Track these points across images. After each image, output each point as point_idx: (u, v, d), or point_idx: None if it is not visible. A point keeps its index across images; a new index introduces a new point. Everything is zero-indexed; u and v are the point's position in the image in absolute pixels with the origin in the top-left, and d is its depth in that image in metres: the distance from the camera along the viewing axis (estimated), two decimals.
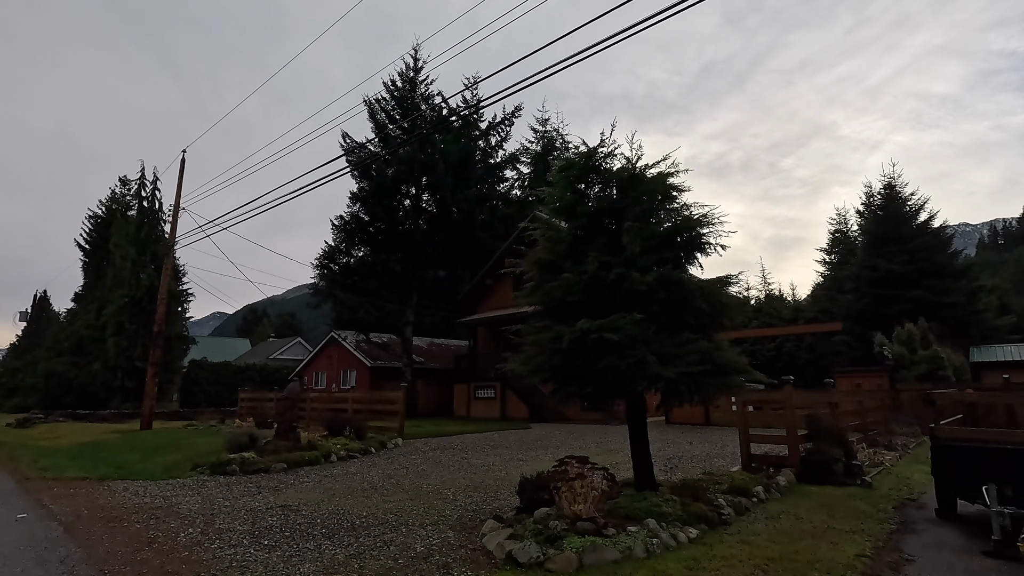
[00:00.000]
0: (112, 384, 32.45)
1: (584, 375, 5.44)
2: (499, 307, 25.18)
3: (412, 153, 26.26)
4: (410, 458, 11.15)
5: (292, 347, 50.45)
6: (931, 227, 28.44)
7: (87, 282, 46.99)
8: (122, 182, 45.63)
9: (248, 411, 20.04)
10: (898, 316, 23.59)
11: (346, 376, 30.82)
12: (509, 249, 25.08)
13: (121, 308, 32.98)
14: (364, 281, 26.70)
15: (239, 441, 10.21)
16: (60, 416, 25.32)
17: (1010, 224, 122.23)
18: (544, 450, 12.13)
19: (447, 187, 25.87)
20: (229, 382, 37.85)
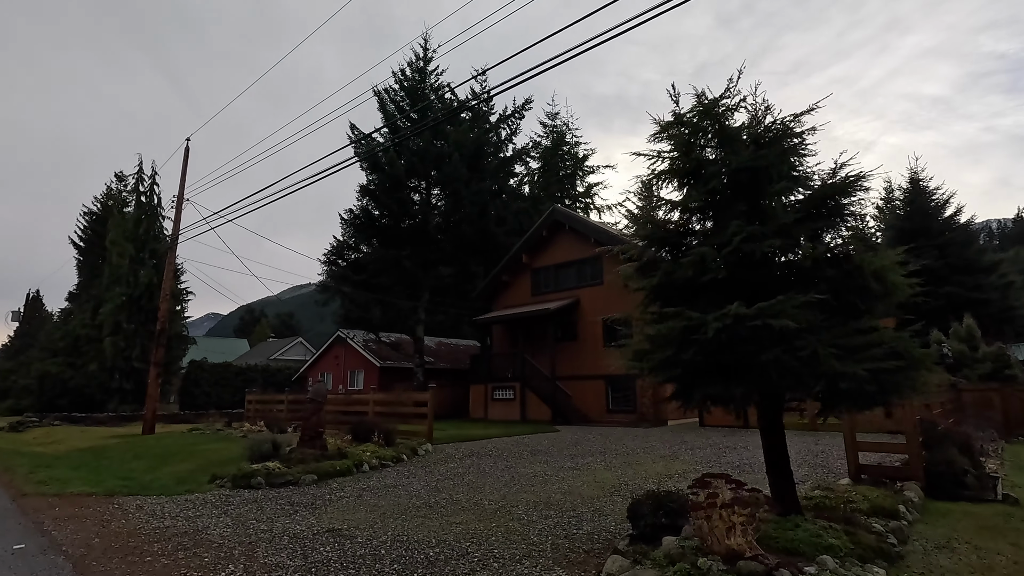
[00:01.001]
0: (109, 386, 31.21)
1: (729, 373, 4.39)
2: (516, 304, 24.16)
3: (425, 143, 25.19)
4: (448, 466, 10.09)
5: (293, 347, 49.22)
6: (956, 222, 27.60)
7: (82, 281, 45.65)
8: (118, 178, 44.32)
9: (257, 414, 18.92)
10: (930, 313, 22.70)
11: (353, 377, 29.69)
12: (528, 244, 24.07)
13: (119, 307, 31.74)
14: (374, 278, 25.60)
15: (261, 449, 9.12)
16: (55, 419, 24.11)
17: (1005, 225, 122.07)
18: (591, 456, 11.09)
19: (461, 179, 24.80)
20: (230, 383, 36.65)
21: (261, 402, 19.61)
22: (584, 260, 22.36)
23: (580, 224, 22.35)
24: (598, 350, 21.30)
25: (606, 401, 20.74)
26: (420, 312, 26.59)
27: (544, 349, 22.40)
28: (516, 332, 24.07)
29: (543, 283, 23.75)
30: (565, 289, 22.88)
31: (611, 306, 21.16)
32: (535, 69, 8.07)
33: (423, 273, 26.29)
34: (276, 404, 18.83)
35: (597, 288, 21.74)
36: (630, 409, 19.93)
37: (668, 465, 9.91)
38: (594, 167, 39.32)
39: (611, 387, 20.73)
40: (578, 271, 22.56)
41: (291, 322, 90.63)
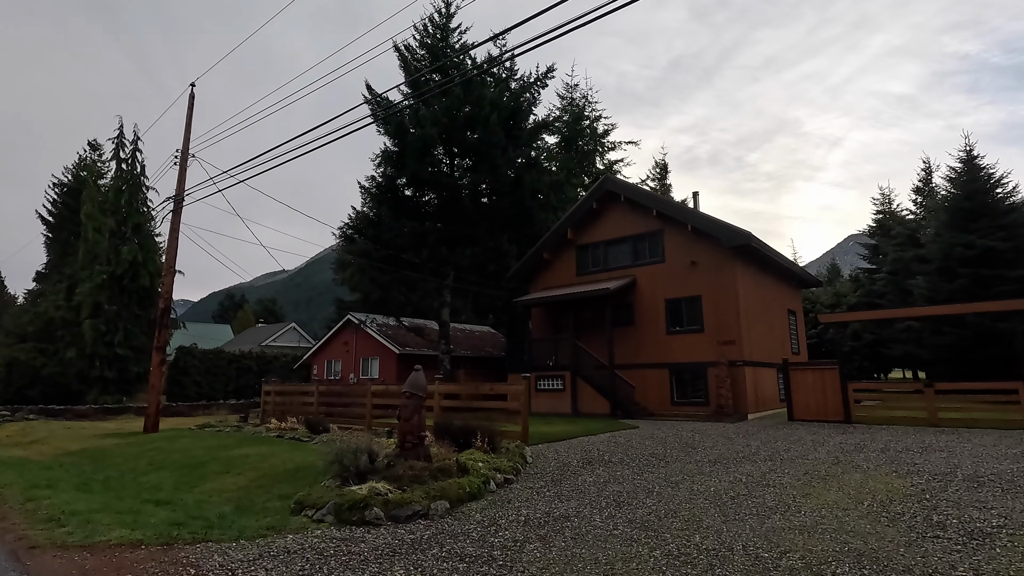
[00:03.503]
0: (88, 374, 27.87)
1: None
2: (559, 285, 21.77)
3: (454, 104, 22.45)
4: (581, 480, 7.73)
5: (286, 333, 46.01)
6: (1014, 201, 26.11)
7: (51, 260, 41.55)
8: (92, 147, 40.36)
9: (278, 408, 16.20)
10: (1000, 298, 21.14)
11: (367, 365, 27.01)
12: (575, 218, 21.65)
13: (99, 286, 28.33)
14: (398, 254, 22.90)
15: (358, 462, 6.61)
16: (30, 413, 20.95)
17: None
18: (749, 462, 8.83)
19: (499, 144, 22.16)
20: (222, 372, 33.54)
21: (282, 394, 16.87)
22: (642, 235, 20.05)
23: (639, 195, 20.00)
24: (659, 335, 19.10)
25: (670, 392, 18.58)
26: (446, 294, 24.01)
27: (596, 335, 20.09)
28: (560, 316, 21.67)
29: (591, 261, 21.38)
30: (617, 268, 20.56)
31: (674, 286, 18.97)
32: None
33: (450, 251, 23.67)
34: (302, 396, 16.13)
35: (658, 266, 19.48)
36: (701, 401, 17.80)
37: (889, 481, 7.67)
38: (615, 143, 36.99)
39: (676, 377, 18.56)
40: (634, 247, 20.24)
41: (274, 308, 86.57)
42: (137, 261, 29.41)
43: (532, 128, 25.27)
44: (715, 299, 17.96)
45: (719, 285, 17.94)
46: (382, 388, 13.54)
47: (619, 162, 37.03)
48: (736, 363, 17.23)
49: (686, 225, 18.47)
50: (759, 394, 18.01)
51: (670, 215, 18.96)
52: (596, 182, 37.61)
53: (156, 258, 31.07)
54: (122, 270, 29.08)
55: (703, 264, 18.36)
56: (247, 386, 33.92)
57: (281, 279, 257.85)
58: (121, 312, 29.00)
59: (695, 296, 18.42)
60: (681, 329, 18.67)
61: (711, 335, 17.90)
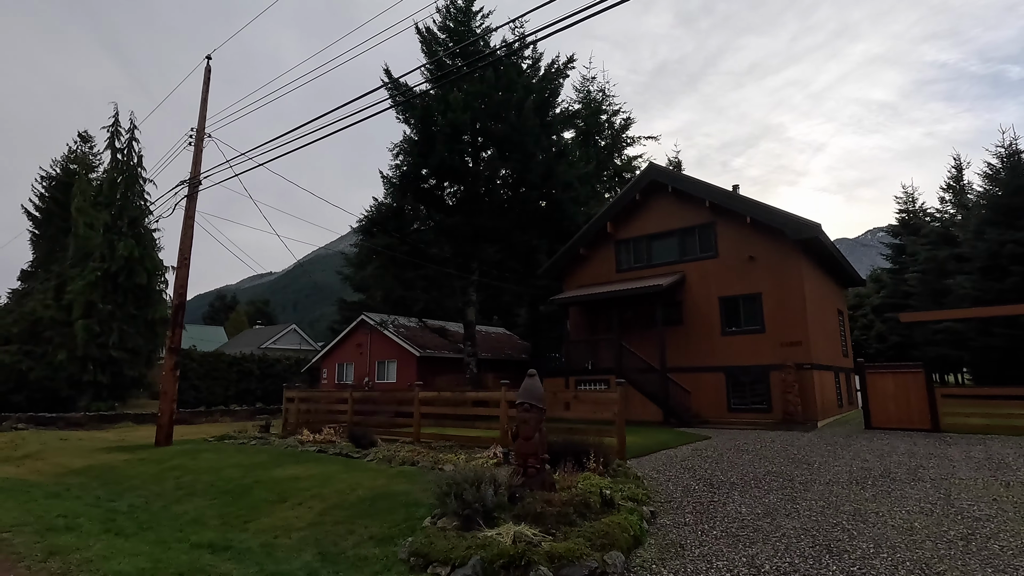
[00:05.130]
0: (80, 379, 25.85)
1: None
2: (596, 282, 20.31)
3: (484, 90, 20.92)
4: (737, 510, 6.26)
5: (286, 335, 43.98)
6: None
7: (37, 257, 39.10)
8: (83, 138, 38.21)
9: (304, 417, 14.51)
10: None
11: (383, 369, 25.31)
12: (615, 210, 20.23)
13: (91, 284, 26.35)
14: (421, 249, 21.30)
15: (483, 498, 5.05)
16: (19, 421, 18.99)
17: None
18: (903, 483, 7.39)
19: (533, 132, 20.67)
20: (222, 376, 31.50)
21: (308, 400, 15.17)
22: (691, 228, 18.65)
23: (689, 185, 18.58)
24: (712, 336, 17.70)
25: (726, 398, 17.16)
26: (471, 292, 22.43)
27: (639, 336, 18.66)
28: (598, 316, 20.22)
29: (633, 257, 19.94)
30: (662, 264, 19.14)
31: (730, 283, 17.59)
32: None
33: (475, 246, 22.11)
34: (334, 404, 14.47)
35: (710, 262, 18.09)
36: (762, 407, 16.40)
37: None
38: (634, 138, 35.68)
39: (732, 381, 17.16)
40: (682, 241, 18.84)
41: (267, 309, 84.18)
42: (134, 257, 27.46)
43: (563, 117, 23.83)
44: (777, 297, 16.60)
45: (782, 282, 16.58)
46: (433, 395, 11.93)
47: (638, 158, 35.69)
48: (804, 366, 15.86)
49: (744, 217, 17.10)
50: (823, 400, 16.67)
51: (725, 206, 17.57)
52: (615, 174, 36.56)
53: (154, 254, 29.16)
54: (117, 267, 27.11)
55: (763, 259, 17.00)
56: (248, 391, 31.99)
57: (267, 282, 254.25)
58: (116, 312, 27.02)
59: (754, 294, 17.04)
60: (738, 330, 17.28)
61: (773, 336, 16.52)
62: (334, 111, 10.09)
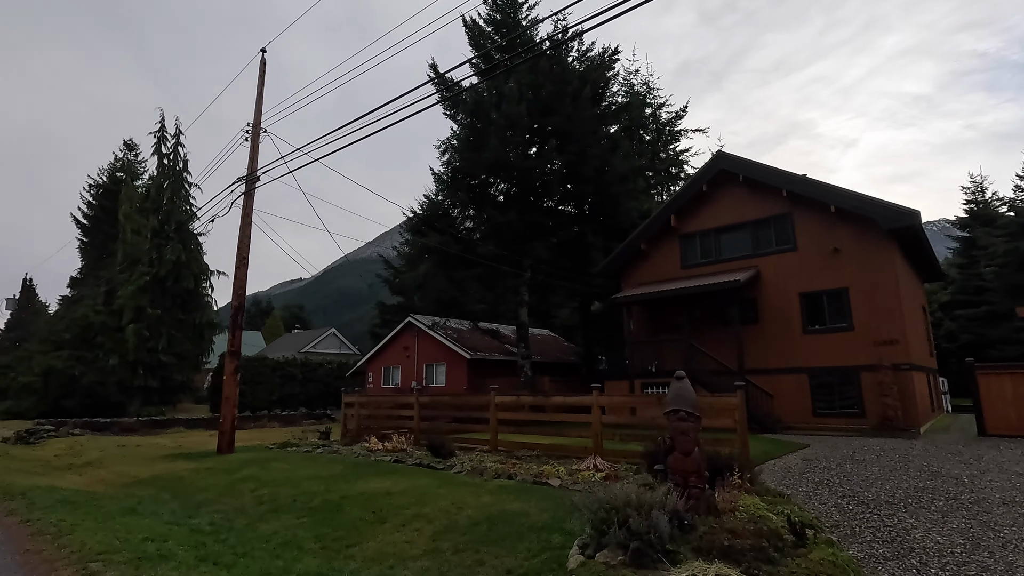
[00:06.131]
0: (131, 384, 25.91)
1: None
2: (660, 280, 19.20)
3: (537, 81, 20.09)
4: (934, 541, 5.18)
5: (326, 339, 43.86)
6: None
7: (86, 264, 39.89)
8: (128, 146, 38.97)
9: (367, 423, 13.81)
10: None
11: (431, 372, 24.64)
12: (679, 203, 19.13)
13: (141, 289, 26.40)
14: (473, 248, 20.54)
15: (657, 527, 4.12)
16: (75, 427, 18.84)
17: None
18: None
19: (589, 123, 19.74)
20: (266, 380, 31.31)
21: (367, 405, 14.48)
22: (765, 220, 17.43)
23: (763, 173, 17.37)
24: (793, 335, 16.44)
25: (810, 401, 15.88)
26: (523, 292, 21.57)
27: (709, 335, 17.50)
28: (662, 315, 19.12)
29: (700, 251, 18.79)
30: (733, 258, 17.95)
31: (811, 277, 16.31)
32: None
33: (524, 244, 21.23)
34: (397, 409, 13.75)
35: (788, 255, 16.84)
36: (853, 411, 15.06)
37: None
38: (682, 131, 34.37)
39: (817, 383, 15.86)
40: (755, 234, 17.62)
41: (301, 314, 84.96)
42: (180, 262, 27.48)
43: (617, 108, 22.84)
44: (867, 292, 15.26)
45: (872, 275, 15.25)
46: (511, 400, 11.07)
47: (686, 151, 34.36)
48: (902, 367, 14.50)
49: (827, 206, 15.81)
50: (921, 403, 15.24)
51: (805, 195, 16.31)
52: (661, 169, 35.28)
53: (200, 258, 29.17)
54: (165, 271, 27.16)
55: (849, 251, 15.69)
56: (292, 395, 31.76)
57: (297, 288, 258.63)
58: (164, 316, 27.05)
59: (840, 289, 15.73)
60: (822, 328, 15.98)
61: (864, 334, 15.19)
62: (377, 109, 9.56)
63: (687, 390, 5.30)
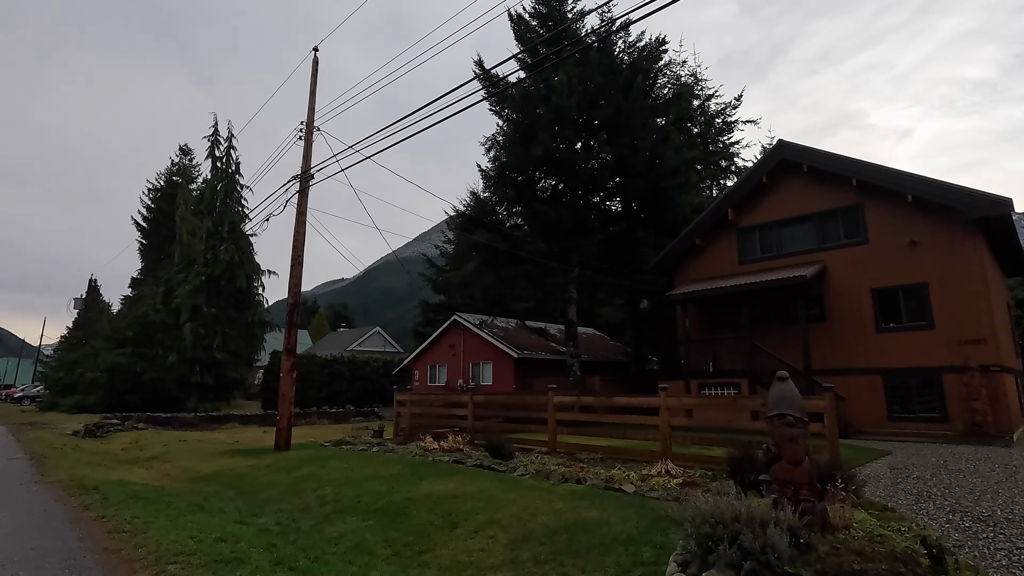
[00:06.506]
0: (188, 380, 26.76)
1: None
2: (716, 276, 18.43)
3: (586, 73, 19.59)
4: None
5: (371, 337, 44.49)
6: None
7: (145, 265, 41.63)
8: (183, 151, 40.32)
9: (419, 421, 13.69)
10: None
11: (478, 370, 24.47)
12: (736, 195, 18.31)
13: (197, 288, 27.23)
14: (519, 245, 20.23)
15: (776, 548, 3.67)
16: (139, 422, 19.52)
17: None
18: None
19: (640, 114, 19.12)
20: (315, 378, 31.81)
21: (419, 403, 14.36)
22: (831, 212, 16.45)
23: (830, 162, 16.39)
24: (865, 334, 15.44)
25: (884, 405, 14.86)
26: (571, 289, 21.11)
27: (770, 334, 16.66)
28: (718, 313, 18.35)
29: (760, 246, 17.93)
30: (795, 253, 17.03)
31: (885, 272, 15.28)
32: None
33: (573, 240, 20.76)
34: (450, 408, 13.58)
35: (857, 249, 15.84)
36: (935, 416, 14.00)
37: None
38: (735, 121, 33.09)
39: (892, 385, 14.84)
40: (821, 227, 16.66)
41: (345, 313, 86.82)
42: (234, 262, 28.25)
43: (667, 100, 22.10)
44: (950, 287, 14.16)
45: (955, 269, 14.14)
46: (571, 400, 10.69)
47: (736, 143, 33.08)
48: (991, 368, 13.37)
49: (903, 195, 14.76)
50: (1012, 408, 14.04)
51: (877, 184, 15.28)
52: (709, 163, 34.10)
53: (252, 258, 29.91)
54: (219, 271, 27.95)
55: (928, 243, 14.60)
56: (339, 392, 32.21)
57: (339, 288, 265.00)
58: (218, 315, 27.85)
59: (918, 284, 14.66)
60: (898, 326, 14.94)
61: (946, 333, 14.10)
62: (422, 108, 9.52)
63: (792, 392, 4.79)
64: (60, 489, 8.00)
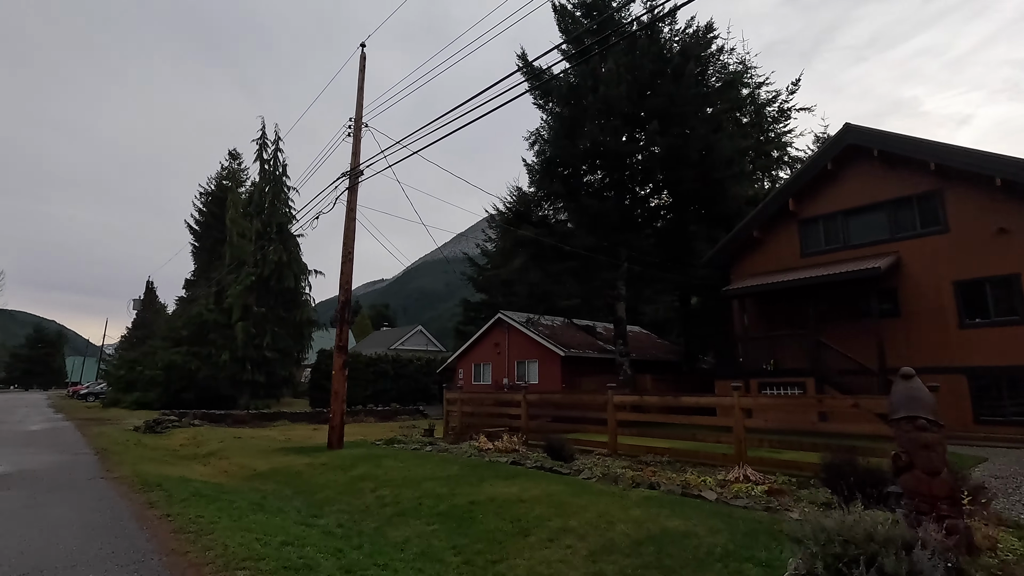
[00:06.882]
0: (240, 378, 27.42)
1: None
2: (776, 270, 17.48)
3: (634, 61, 18.93)
4: None
5: (413, 336, 44.79)
6: None
7: (198, 267, 43.09)
8: (232, 156, 41.40)
9: (469, 420, 13.42)
10: None
11: (523, 369, 24.09)
12: (798, 184, 17.33)
13: (247, 288, 27.86)
14: (566, 240, 19.74)
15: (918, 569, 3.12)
16: (195, 418, 20.00)
17: None
18: None
19: (694, 102, 18.35)
20: (361, 376, 32.08)
21: (469, 402, 14.09)
22: (906, 199, 15.33)
23: (903, 145, 15.25)
24: (946, 330, 14.29)
25: (970, 407, 13.70)
26: (620, 286, 20.48)
27: (835, 331, 15.66)
28: (779, 309, 17.41)
29: (824, 237, 16.90)
30: (864, 244, 15.95)
31: (969, 263, 14.09)
32: None
33: (622, 235, 20.12)
34: (502, 407, 13.26)
35: (937, 238, 14.68)
36: None
37: None
38: (788, 109, 31.63)
39: (979, 385, 13.66)
40: (894, 215, 15.55)
41: (387, 313, 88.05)
42: (282, 262, 28.79)
43: (719, 87, 21.19)
44: None
45: None
46: (633, 399, 10.19)
47: (789, 133, 31.60)
48: None
49: (991, 179, 13.56)
50: None
51: (960, 167, 14.10)
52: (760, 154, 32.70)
53: (299, 258, 30.44)
54: (268, 271, 28.53)
55: (1019, 230, 13.37)
56: (383, 391, 32.44)
57: (379, 289, 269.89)
58: (268, 314, 28.43)
59: (1008, 275, 13.45)
60: (985, 321, 13.76)
61: None
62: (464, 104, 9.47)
63: (922, 391, 4.20)
64: (125, 485, 8.03)
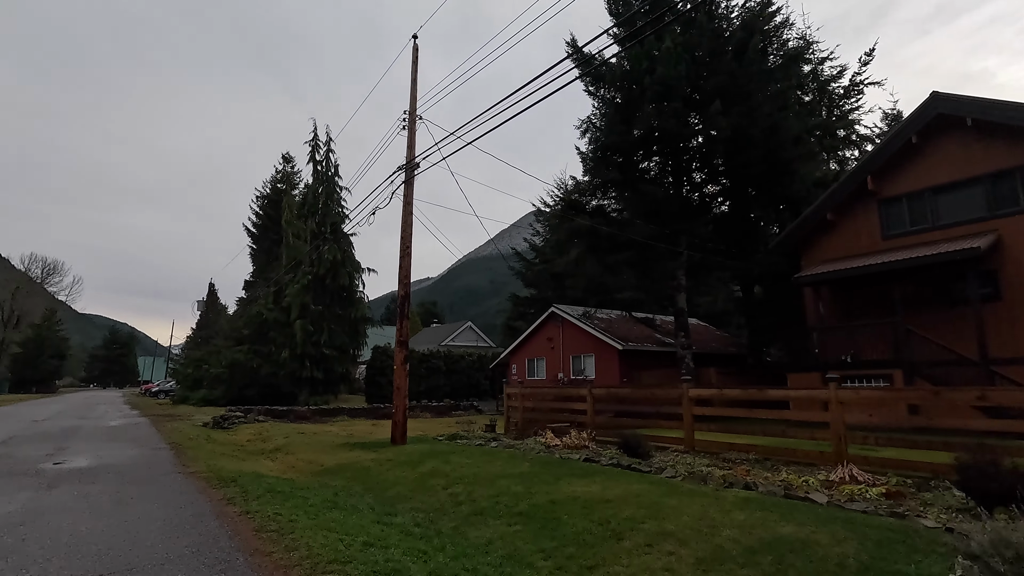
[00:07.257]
0: (299, 375, 28.08)
1: None
2: (855, 254, 16.29)
3: (691, 40, 18.04)
4: None
5: (463, 332, 44.96)
6: None
7: (256, 268, 44.59)
8: (285, 159, 42.57)
9: (530, 415, 13.06)
10: None
11: (579, 363, 23.58)
12: (878, 160, 16.07)
13: (304, 287, 28.48)
14: (623, 229, 19.06)
15: None
16: (259, 414, 20.55)
17: None
18: None
19: (757, 78, 17.32)
20: (414, 372, 32.29)
21: (530, 397, 13.74)
22: (1008, 171, 13.91)
23: (1002, 112, 13.83)
24: None
25: None
26: (680, 276, 19.62)
27: (924, 318, 14.42)
28: (857, 296, 16.24)
29: (909, 217, 15.61)
30: (956, 223, 14.61)
31: None
32: None
33: (682, 222, 19.25)
34: (566, 402, 12.84)
35: None
36: None
37: None
38: (856, 84, 29.69)
39: None
40: (992, 190, 14.15)
41: (435, 310, 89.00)
42: (337, 261, 29.29)
43: (783, 62, 19.97)
44: None
45: None
46: (711, 393, 9.58)
47: (856, 110, 29.64)
48: None
49: None
50: None
51: None
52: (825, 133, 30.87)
53: (353, 256, 30.91)
54: (323, 270, 29.09)
55: None
56: (436, 386, 32.63)
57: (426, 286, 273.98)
58: (324, 312, 29.00)
59: None
60: None
61: None
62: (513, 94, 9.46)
63: None
64: (202, 480, 8.09)
